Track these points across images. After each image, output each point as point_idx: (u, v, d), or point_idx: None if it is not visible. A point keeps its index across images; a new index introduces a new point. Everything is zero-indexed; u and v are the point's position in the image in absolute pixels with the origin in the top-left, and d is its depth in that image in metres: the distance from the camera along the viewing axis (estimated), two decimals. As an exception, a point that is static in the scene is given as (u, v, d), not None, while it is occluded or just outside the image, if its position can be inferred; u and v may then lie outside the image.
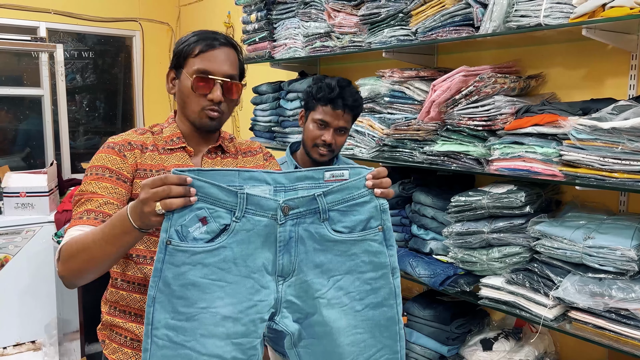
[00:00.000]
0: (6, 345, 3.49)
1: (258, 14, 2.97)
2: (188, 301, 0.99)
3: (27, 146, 4.40)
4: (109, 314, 1.36)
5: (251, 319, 1.02)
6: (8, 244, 3.46)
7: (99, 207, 1.21)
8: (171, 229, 0.97)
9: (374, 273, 1.06)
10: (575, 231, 1.68)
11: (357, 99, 1.80)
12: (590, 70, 1.95)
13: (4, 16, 3.99)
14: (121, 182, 1.27)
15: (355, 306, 1.06)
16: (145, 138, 1.36)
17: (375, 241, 1.05)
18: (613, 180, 1.55)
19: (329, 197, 1.02)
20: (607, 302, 1.56)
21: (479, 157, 1.91)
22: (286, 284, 1.04)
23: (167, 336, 0.99)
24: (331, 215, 1.03)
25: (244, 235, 1.00)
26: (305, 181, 1.05)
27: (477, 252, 1.94)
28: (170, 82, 1.39)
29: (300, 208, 1.02)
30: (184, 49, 1.33)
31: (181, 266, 0.98)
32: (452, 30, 1.96)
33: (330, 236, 1.03)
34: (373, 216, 1.05)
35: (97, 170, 1.27)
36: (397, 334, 1.09)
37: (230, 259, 1.00)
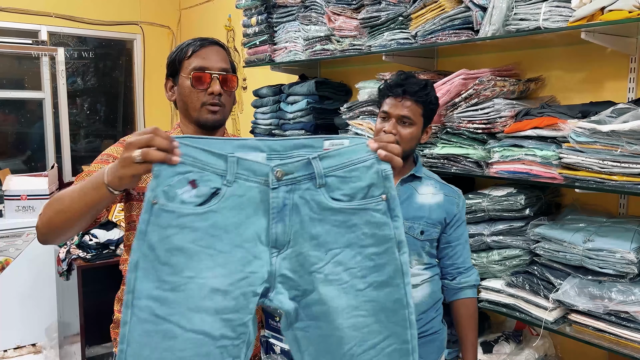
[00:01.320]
0: (7, 348, 3.49)
1: (258, 17, 2.98)
2: (174, 268, 0.91)
3: (28, 149, 4.41)
4: (120, 312, 1.38)
5: (242, 292, 0.94)
6: (9, 247, 3.46)
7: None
8: (158, 188, 0.91)
9: (376, 248, 0.96)
10: (575, 234, 1.68)
11: (422, 87, 1.61)
12: (590, 73, 1.95)
13: (5, 19, 4.00)
14: None
15: (357, 284, 0.96)
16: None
17: (378, 211, 0.95)
18: (612, 183, 1.55)
19: (326, 161, 0.95)
20: (607, 305, 1.57)
21: (478, 160, 1.92)
22: (281, 257, 0.96)
23: (149, 308, 0.90)
24: (328, 181, 0.95)
25: (235, 201, 0.93)
26: (303, 149, 0.97)
27: (477, 255, 1.94)
28: (169, 90, 1.42)
29: (295, 173, 0.95)
30: (176, 56, 1.37)
31: (167, 228, 0.91)
32: (452, 33, 1.97)
33: (327, 204, 0.95)
34: (375, 183, 0.95)
35: (102, 157, 1.32)
36: (406, 319, 0.97)
37: (220, 225, 0.93)
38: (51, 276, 3.50)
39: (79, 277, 2.78)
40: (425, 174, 1.70)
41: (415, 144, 1.64)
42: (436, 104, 1.66)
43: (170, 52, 1.41)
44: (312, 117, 2.83)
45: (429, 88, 1.64)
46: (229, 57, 1.43)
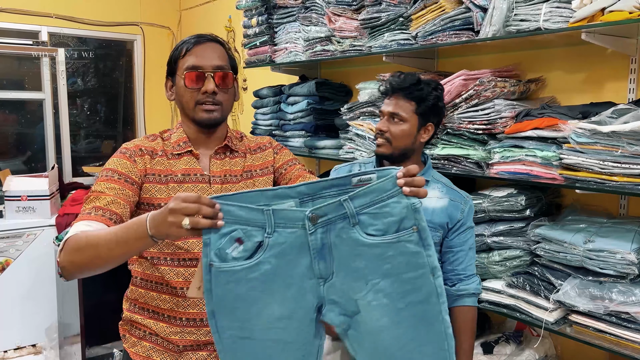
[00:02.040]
0: (7, 349, 3.49)
1: (259, 18, 2.99)
2: (242, 309, 1.05)
3: (29, 150, 4.41)
4: (129, 311, 1.43)
5: (300, 319, 1.06)
6: (9, 248, 3.46)
7: (107, 205, 1.25)
8: (211, 252, 1.02)
9: (412, 273, 1.02)
10: (575, 234, 1.68)
11: (414, 83, 1.61)
12: (590, 74, 1.96)
13: (5, 20, 4.01)
14: (129, 184, 1.31)
15: (397, 304, 1.03)
16: (155, 144, 1.41)
17: (411, 242, 1.01)
18: (613, 184, 1.55)
19: (356, 201, 1.00)
20: (607, 306, 1.57)
21: (479, 161, 1.92)
22: (327, 285, 1.05)
23: (232, 335, 1.06)
24: (361, 219, 1.01)
25: (279, 249, 1.02)
26: (332, 189, 1.04)
27: (478, 256, 1.94)
28: (169, 90, 1.43)
29: (328, 215, 1.01)
30: (173, 54, 1.38)
31: (227, 284, 1.03)
32: (452, 34, 1.97)
33: (363, 240, 1.01)
34: (405, 216, 1.00)
35: (107, 173, 1.32)
36: (442, 332, 1.04)
37: (270, 272, 1.03)
38: (51, 277, 3.50)
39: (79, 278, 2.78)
40: (434, 177, 1.71)
41: (411, 141, 1.64)
42: (436, 102, 1.66)
43: (173, 49, 1.42)
44: (313, 117, 2.84)
45: (424, 85, 1.62)
46: (228, 53, 1.41)
